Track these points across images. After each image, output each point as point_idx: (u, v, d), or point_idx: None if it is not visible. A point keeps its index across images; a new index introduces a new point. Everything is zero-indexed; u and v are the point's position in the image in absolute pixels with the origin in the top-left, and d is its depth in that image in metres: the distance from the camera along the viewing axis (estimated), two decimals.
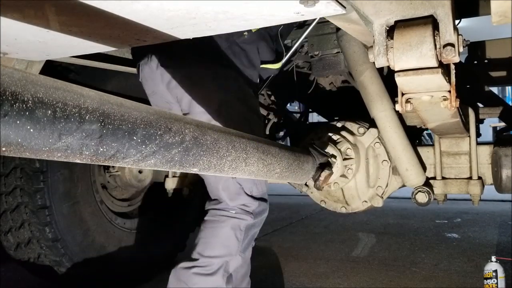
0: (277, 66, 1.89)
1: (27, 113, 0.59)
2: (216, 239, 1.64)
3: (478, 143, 2.18)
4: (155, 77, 1.76)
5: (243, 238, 1.66)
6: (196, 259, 1.62)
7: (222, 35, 1.62)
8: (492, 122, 3.25)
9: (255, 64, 1.82)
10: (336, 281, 2.61)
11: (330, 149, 2.08)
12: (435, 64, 1.13)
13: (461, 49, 1.15)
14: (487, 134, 3.63)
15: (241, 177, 1.57)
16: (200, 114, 1.69)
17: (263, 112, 2.75)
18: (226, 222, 1.65)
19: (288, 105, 3.40)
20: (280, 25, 1.85)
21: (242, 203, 1.66)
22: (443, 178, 2.20)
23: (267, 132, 2.72)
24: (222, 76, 1.73)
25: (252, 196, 1.68)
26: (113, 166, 2.53)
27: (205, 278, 1.60)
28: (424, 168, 2.18)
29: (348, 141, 2.19)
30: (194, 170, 0.99)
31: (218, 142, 1.02)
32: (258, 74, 1.86)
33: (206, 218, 1.71)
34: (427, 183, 2.17)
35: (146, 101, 1.79)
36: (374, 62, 1.20)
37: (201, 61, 1.71)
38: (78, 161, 0.73)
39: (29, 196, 2.14)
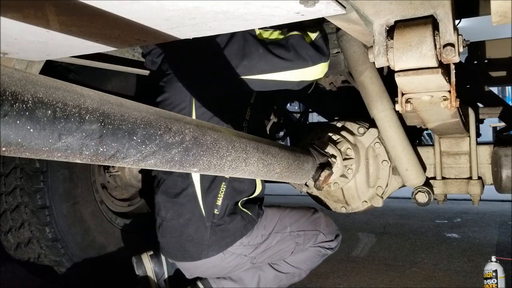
0: None
1: (27, 113, 0.59)
2: (302, 257, 2.06)
3: (478, 143, 2.18)
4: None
5: (317, 262, 2.13)
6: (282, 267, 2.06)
7: None
8: (492, 122, 3.25)
9: None
10: (336, 281, 2.61)
11: (330, 149, 2.08)
12: (435, 64, 1.13)
13: (461, 49, 1.15)
14: (487, 134, 3.63)
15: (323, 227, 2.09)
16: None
17: None
18: (313, 247, 2.07)
19: (288, 105, 3.40)
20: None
21: (328, 246, 2.12)
22: (443, 178, 2.20)
23: (267, 132, 2.72)
24: None
25: (332, 239, 2.11)
26: (113, 166, 2.53)
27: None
28: (424, 168, 2.18)
29: (348, 141, 2.19)
30: (194, 170, 0.99)
31: (218, 142, 1.02)
32: None
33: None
34: (427, 183, 2.17)
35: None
36: (374, 62, 1.20)
37: None
38: (78, 161, 0.73)
39: (29, 196, 2.14)
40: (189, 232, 1.84)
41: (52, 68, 1.94)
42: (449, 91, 1.30)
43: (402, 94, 1.33)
